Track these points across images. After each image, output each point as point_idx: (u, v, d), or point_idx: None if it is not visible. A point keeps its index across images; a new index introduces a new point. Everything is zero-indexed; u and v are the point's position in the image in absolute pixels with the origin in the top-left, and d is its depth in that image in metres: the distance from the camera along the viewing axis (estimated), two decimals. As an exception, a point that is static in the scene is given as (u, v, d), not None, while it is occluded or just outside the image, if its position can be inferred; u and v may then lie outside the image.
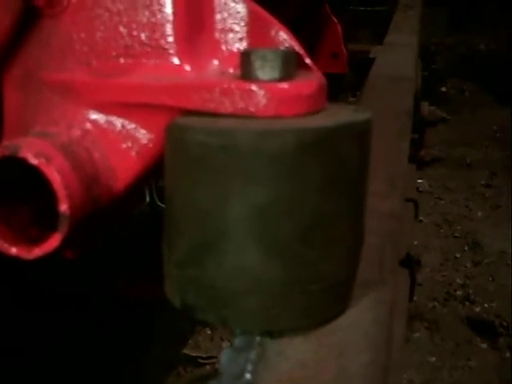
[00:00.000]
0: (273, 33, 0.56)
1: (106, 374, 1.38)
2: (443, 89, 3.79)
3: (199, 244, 0.47)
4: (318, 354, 0.47)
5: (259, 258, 0.46)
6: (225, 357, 0.47)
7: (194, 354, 1.54)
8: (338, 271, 0.49)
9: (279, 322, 0.48)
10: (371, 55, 1.52)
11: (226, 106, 0.48)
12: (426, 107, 1.50)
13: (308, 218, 0.46)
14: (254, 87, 0.47)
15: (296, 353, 0.47)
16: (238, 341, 0.48)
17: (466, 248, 2.16)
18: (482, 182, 2.65)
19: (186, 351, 1.54)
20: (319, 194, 0.46)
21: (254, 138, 0.45)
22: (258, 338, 0.48)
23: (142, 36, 0.55)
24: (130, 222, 0.87)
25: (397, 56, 1.51)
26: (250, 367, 0.45)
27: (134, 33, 0.55)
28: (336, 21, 1.54)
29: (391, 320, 0.55)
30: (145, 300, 1.28)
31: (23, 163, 0.49)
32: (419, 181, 2.41)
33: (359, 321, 0.51)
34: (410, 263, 0.95)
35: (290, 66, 0.49)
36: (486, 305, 1.86)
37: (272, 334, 0.48)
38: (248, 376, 0.44)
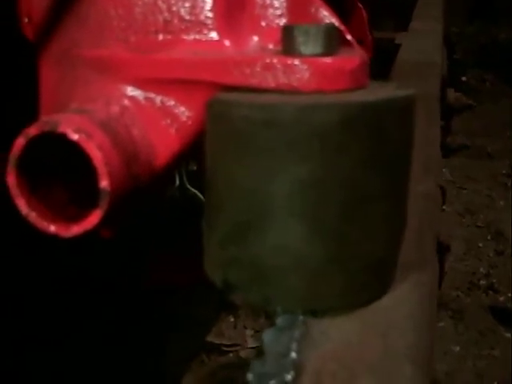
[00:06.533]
0: (313, 9, 0.55)
1: (129, 360, 1.38)
2: (463, 78, 3.75)
3: (242, 222, 0.46)
4: (361, 333, 0.46)
5: (301, 234, 0.45)
6: (268, 336, 0.46)
7: (218, 342, 1.54)
8: (380, 250, 0.48)
9: (322, 301, 0.47)
10: (396, 41, 1.51)
11: (269, 82, 0.47)
12: (451, 94, 1.48)
13: (350, 195, 0.45)
14: (296, 62, 0.46)
15: (340, 332, 0.46)
16: (280, 320, 0.47)
17: (488, 237, 2.14)
18: (504, 172, 2.63)
19: (209, 339, 1.54)
20: (362, 170, 0.45)
21: (298, 113, 0.44)
22: (300, 317, 0.47)
23: (182, 11, 0.54)
24: (159, 205, 0.87)
25: (422, 42, 1.49)
26: (294, 346, 0.44)
27: (174, 8, 0.54)
28: (361, 6, 1.53)
29: (434, 301, 0.54)
30: (166, 288, 1.28)
31: (62, 139, 0.48)
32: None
33: (402, 301, 0.50)
34: (440, 249, 0.94)
35: (333, 41, 0.48)
36: (509, 294, 1.84)
37: (315, 313, 0.47)
38: (293, 355, 0.43)
